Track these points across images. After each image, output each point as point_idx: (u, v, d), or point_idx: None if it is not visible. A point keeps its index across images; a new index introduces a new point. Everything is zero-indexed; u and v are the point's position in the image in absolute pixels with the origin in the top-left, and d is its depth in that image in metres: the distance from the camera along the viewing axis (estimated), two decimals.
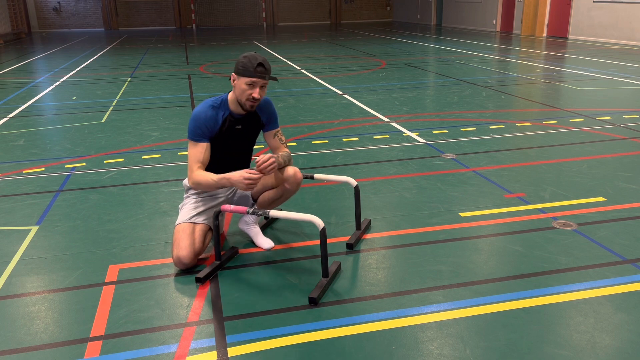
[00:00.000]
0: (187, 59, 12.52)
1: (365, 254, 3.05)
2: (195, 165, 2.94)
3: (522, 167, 4.45)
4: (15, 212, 3.74)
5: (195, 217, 3.00)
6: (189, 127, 2.97)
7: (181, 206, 3.12)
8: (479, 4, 19.64)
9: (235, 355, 2.21)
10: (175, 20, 25.68)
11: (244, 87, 2.89)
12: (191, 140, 2.97)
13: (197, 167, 2.94)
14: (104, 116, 6.69)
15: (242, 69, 2.86)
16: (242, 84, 2.88)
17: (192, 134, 2.96)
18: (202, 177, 2.91)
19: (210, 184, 2.89)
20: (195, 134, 2.95)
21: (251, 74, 2.85)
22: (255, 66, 2.84)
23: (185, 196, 3.17)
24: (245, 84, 2.88)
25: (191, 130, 2.96)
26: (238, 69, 2.88)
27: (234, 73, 2.91)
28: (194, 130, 2.95)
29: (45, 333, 2.40)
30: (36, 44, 17.62)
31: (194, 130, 2.95)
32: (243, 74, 2.87)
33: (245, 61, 2.86)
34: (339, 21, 27.47)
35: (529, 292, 2.61)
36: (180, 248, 2.86)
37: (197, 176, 2.92)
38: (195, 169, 2.94)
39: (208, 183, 2.89)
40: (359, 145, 5.18)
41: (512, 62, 10.84)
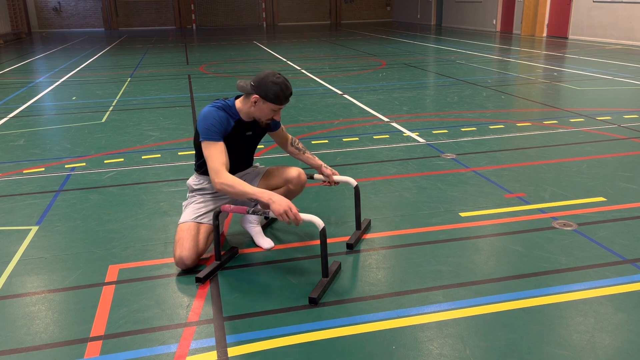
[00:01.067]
0: (187, 59, 12.52)
1: (365, 254, 3.05)
2: (222, 167, 2.78)
3: (522, 167, 4.45)
4: (15, 212, 3.74)
5: (201, 216, 2.98)
6: (202, 128, 2.85)
7: (185, 204, 3.10)
8: (479, 4, 19.64)
9: (235, 355, 2.21)
10: (175, 20, 25.68)
11: (268, 111, 2.85)
12: (207, 141, 2.84)
13: (224, 169, 2.79)
14: (104, 116, 6.69)
15: (273, 97, 2.78)
16: (268, 108, 2.83)
17: (207, 133, 2.84)
18: (235, 183, 2.73)
19: (242, 193, 2.72)
20: (211, 132, 2.84)
21: (282, 102, 2.81)
22: (288, 95, 2.81)
23: (189, 195, 3.14)
24: (271, 110, 2.84)
25: (205, 130, 2.84)
26: (268, 96, 2.78)
27: (260, 97, 2.81)
28: (209, 128, 2.83)
29: (45, 333, 2.40)
30: (36, 44, 17.62)
31: (209, 129, 2.83)
32: (273, 101, 2.80)
33: (276, 90, 2.77)
34: (339, 21, 27.47)
35: (529, 292, 2.61)
36: (184, 248, 2.85)
37: (229, 181, 2.74)
38: (223, 171, 2.77)
39: (240, 191, 2.72)
40: (359, 145, 5.18)
41: (512, 62, 10.84)
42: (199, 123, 2.89)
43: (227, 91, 8.25)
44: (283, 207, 2.60)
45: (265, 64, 11.25)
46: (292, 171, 3.07)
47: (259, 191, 2.69)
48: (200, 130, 2.87)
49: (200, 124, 2.87)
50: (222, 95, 7.93)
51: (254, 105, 2.85)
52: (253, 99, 2.83)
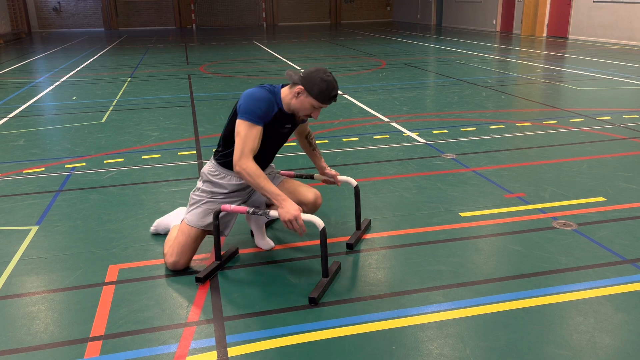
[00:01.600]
0: (187, 59, 12.52)
1: (365, 254, 3.05)
2: (250, 153, 2.67)
3: (522, 167, 4.45)
4: (15, 212, 3.74)
5: (209, 225, 2.90)
6: (247, 106, 2.68)
7: (196, 199, 2.93)
8: (479, 4, 19.64)
9: (235, 355, 2.21)
10: (175, 20, 25.68)
11: (308, 106, 2.76)
12: (248, 122, 2.68)
13: (251, 155, 2.68)
14: (104, 116, 6.69)
15: (319, 93, 2.70)
16: (309, 103, 2.75)
17: (251, 114, 2.68)
18: (256, 174, 2.65)
19: (259, 187, 2.65)
20: (255, 114, 2.68)
21: (325, 101, 2.75)
22: (332, 96, 2.75)
23: (201, 186, 2.95)
24: (312, 106, 2.76)
25: (251, 110, 2.68)
26: (313, 91, 2.70)
27: (306, 90, 2.72)
28: (255, 110, 2.68)
29: (45, 333, 2.40)
30: (36, 44, 17.62)
31: (254, 111, 2.68)
32: (316, 98, 2.72)
33: (323, 87, 2.69)
34: (339, 21, 27.48)
35: (529, 292, 2.61)
36: (184, 256, 2.86)
37: (252, 169, 2.65)
38: (250, 157, 2.67)
39: (258, 185, 2.65)
40: (359, 145, 5.18)
41: (512, 62, 10.84)
42: (243, 101, 2.72)
43: (227, 91, 8.25)
44: (290, 214, 2.58)
45: (266, 64, 11.25)
46: (308, 194, 2.97)
47: (275, 192, 2.63)
48: (243, 109, 2.70)
49: (245, 103, 2.70)
50: (222, 95, 7.93)
51: (296, 96, 2.75)
52: (297, 89, 2.73)
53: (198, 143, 5.39)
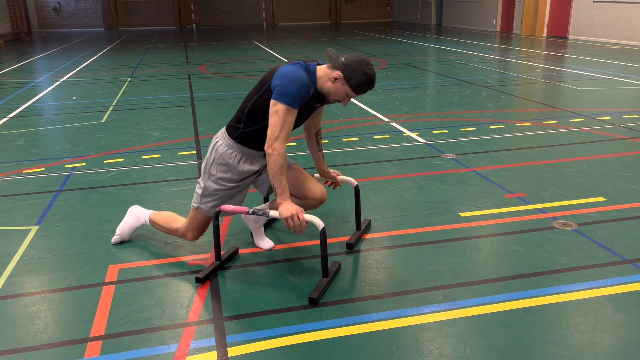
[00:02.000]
0: (187, 59, 12.53)
1: (365, 254, 3.05)
2: (286, 138, 2.59)
3: (522, 167, 4.45)
4: (15, 212, 3.74)
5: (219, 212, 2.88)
6: (286, 89, 2.55)
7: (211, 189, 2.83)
8: (479, 4, 19.64)
9: (235, 355, 2.21)
10: (175, 20, 25.68)
11: (342, 94, 2.68)
12: (288, 106, 2.56)
13: (286, 141, 2.60)
14: (104, 116, 6.69)
15: (357, 84, 2.63)
16: (344, 91, 2.67)
17: (290, 97, 2.55)
18: (283, 159, 2.59)
19: (275, 177, 2.59)
20: (295, 99, 2.56)
21: (360, 93, 2.70)
22: (368, 90, 2.70)
23: (215, 172, 2.81)
24: (346, 94, 2.69)
25: (289, 93, 2.55)
26: (352, 81, 2.62)
27: (345, 78, 2.63)
28: (294, 94, 2.56)
29: (45, 333, 2.40)
30: (36, 44, 17.62)
31: (293, 94, 2.55)
32: (353, 89, 2.65)
33: (363, 80, 2.62)
34: (339, 21, 27.47)
35: (529, 292, 2.61)
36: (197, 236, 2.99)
37: (282, 155, 2.57)
38: (285, 142, 2.59)
39: (277, 175, 2.59)
40: (359, 145, 5.19)
41: (512, 62, 10.84)
42: (281, 81, 2.58)
43: (227, 91, 8.25)
44: (290, 212, 2.58)
45: (266, 63, 11.25)
46: (316, 189, 2.93)
47: (285, 189, 2.62)
48: (281, 90, 2.56)
49: (284, 84, 2.57)
50: (222, 95, 7.93)
51: (333, 81, 2.65)
52: (336, 74, 2.63)
53: (198, 143, 5.39)
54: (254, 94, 2.75)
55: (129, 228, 3.23)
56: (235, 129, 2.80)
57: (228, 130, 2.84)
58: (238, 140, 2.79)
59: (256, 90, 2.74)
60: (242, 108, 2.80)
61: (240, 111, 2.80)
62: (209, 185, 2.84)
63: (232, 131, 2.81)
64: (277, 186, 2.62)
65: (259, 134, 2.75)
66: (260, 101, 2.69)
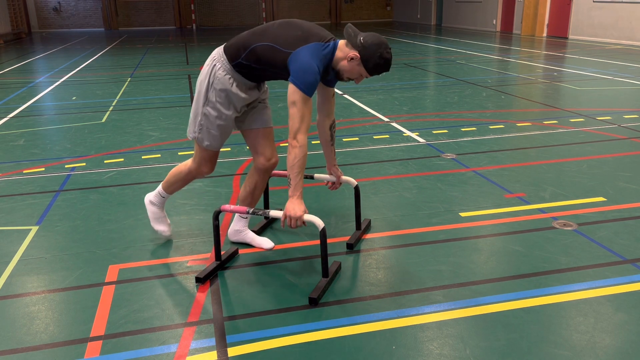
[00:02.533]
0: (187, 59, 12.53)
1: (365, 254, 3.05)
2: (307, 130, 2.60)
3: (522, 167, 4.45)
4: (15, 212, 3.74)
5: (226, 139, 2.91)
6: (306, 79, 2.54)
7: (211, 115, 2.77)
8: (479, 4, 19.64)
9: (235, 355, 2.21)
10: (175, 20, 25.68)
11: (356, 73, 2.67)
12: (304, 94, 2.55)
13: (307, 133, 2.61)
14: (104, 116, 6.69)
15: (373, 67, 2.62)
16: (359, 72, 2.66)
17: (307, 85, 2.55)
18: (305, 154, 2.59)
19: (295, 165, 2.58)
20: (312, 87, 2.57)
21: (375, 74, 2.69)
22: (385, 72, 2.69)
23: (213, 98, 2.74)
24: (361, 74, 2.68)
25: (306, 81, 2.54)
26: (369, 64, 2.61)
27: (361, 59, 2.61)
28: (312, 81, 2.55)
29: (45, 333, 2.40)
30: (36, 44, 17.62)
31: (311, 82, 2.55)
32: (369, 71, 2.64)
33: (379, 64, 2.62)
34: (339, 21, 27.48)
35: (529, 292, 2.61)
36: (211, 166, 2.97)
37: (304, 148, 2.58)
38: (306, 135, 2.59)
39: (296, 163, 2.58)
40: (359, 145, 5.18)
41: (512, 62, 10.84)
42: (297, 65, 2.55)
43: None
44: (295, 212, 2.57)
45: None
46: (268, 152, 2.95)
47: (300, 186, 2.61)
48: (298, 76, 2.55)
49: (301, 71, 2.55)
50: None
51: (349, 60, 2.63)
52: (352, 54, 2.61)
53: None
54: (263, 37, 2.67)
55: (155, 219, 3.20)
56: (236, 56, 2.71)
57: (227, 53, 2.74)
58: (237, 69, 2.73)
59: (270, 39, 2.65)
60: (247, 41, 2.70)
61: (244, 42, 2.71)
62: (206, 112, 2.79)
63: (232, 58, 2.73)
64: (292, 178, 2.61)
65: (257, 71, 2.73)
66: (269, 52, 2.64)
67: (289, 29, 2.67)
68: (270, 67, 2.69)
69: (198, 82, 2.84)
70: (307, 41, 2.61)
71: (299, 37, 2.63)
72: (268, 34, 2.69)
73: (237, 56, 2.71)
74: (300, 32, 2.65)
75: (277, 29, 2.69)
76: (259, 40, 2.68)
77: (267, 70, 2.71)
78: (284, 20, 2.76)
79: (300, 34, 2.64)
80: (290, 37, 2.63)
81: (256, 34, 2.72)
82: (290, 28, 2.68)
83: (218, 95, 2.75)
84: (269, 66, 2.68)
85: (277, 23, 2.73)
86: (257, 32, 2.73)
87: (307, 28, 2.68)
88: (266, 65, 2.69)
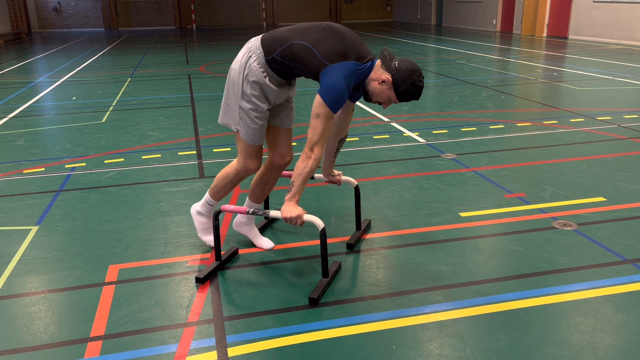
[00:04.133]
0: (187, 59, 12.53)
1: (365, 254, 3.05)
2: (324, 144, 2.64)
3: (522, 167, 4.45)
4: (15, 212, 3.74)
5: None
6: (334, 97, 2.55)
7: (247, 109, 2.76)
8: (479, 4, 19.64)
9: (235, 355, 2.21)
10: (175, 20, 25.68)
11: (385, 97, 2.67)
12: (330, 110, 2.57)
13: (323, 147, 2.65)
14: (104, 116, 6.69)
15: (403, 93, 2.61)
16: (388, 96, 2.66)
17: (334, 104, 2.56)
18: (314, 168, 2.63)
19: (302, 173, 2.61)
20: (339, 106, 2.58)
21: (404, 101, 2.68)
22: (414, 100, 2.68)
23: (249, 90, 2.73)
24: (389, 98, 2.67)
25: (335, 100, 2.55)
26: (399, 89, 2.61)
27: (393, 84, 2.61)
28: (340, 101, 2.57)
29: (45, 333, 2.40)
30: (36, 44, 17.62)
31: (338, 101, 2.56)
32: (398, 96, 2.64)
33: (410, 91, 2.61)
34: (339, 21, 27.47)
35: (529, 292, 2.61)
36: (257, 162, 2.92)
37: (318, 160, 2.62)
38: (323, 149, 2.64)
39: (305, 172, 2.61)
40: (359, 145, 5.18)
41: (512, 62, 10.84)
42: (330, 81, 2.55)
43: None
44: (290, 214, 2.60)
45: None
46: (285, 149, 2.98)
47: (297, 191, 2.64)
48: (330, 94, 2.55)
49: (333, 90, 2.55)
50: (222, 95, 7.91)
51: (380, 83, 2.63)
52: (384, 77, 2.61)
53: (198, 143, 5.39)
54: (303, 37, 2.65)
55: (203, 229, 3.15)
56: (271, 50, 2.69)
57: (263, 45, 2.72)
58: (270, 64, 2.71)
59: (310, 40, 2.63)
60: (285, 36, 2.69)
61: (282, 37, 2.69)
62: (243, 106, 2.78)
63: (267, 51, 2.70)
64: (295, 185, 2.63)
65: (289, 68, 2.71)
66: (305, 53, 2.63)
67: (332, 38, 2.63)
68: (302, 67, 2.68)
69: (231, 70, 2.82)
70: (345, 57, 2.60)
71: (339, 51, 2.60)
72: (309, 35, 2.66)
73: (272, 50, 2.68)
74: (342, 45, 2.62)
75: (320, 33, 2.65)
76: (298, 38, 2.66)
77: (297, 68, 2.70)
78: (330, 25, 2.70)
79: (342, 47, 2.61)
80: (331, 48, 2.61)
81: (297, 32, 2.70)
82: (334, 37, 2.64)
83: (253, 88, 2.74)
84: (302, 66, 2.67)
85: (323, 26, 2.69)
86: (298, 30, 2.71)
87: (350, 41, 2.64)
88: (299, 64, 2.67)
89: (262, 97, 2.76)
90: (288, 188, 2.68)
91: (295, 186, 2.63)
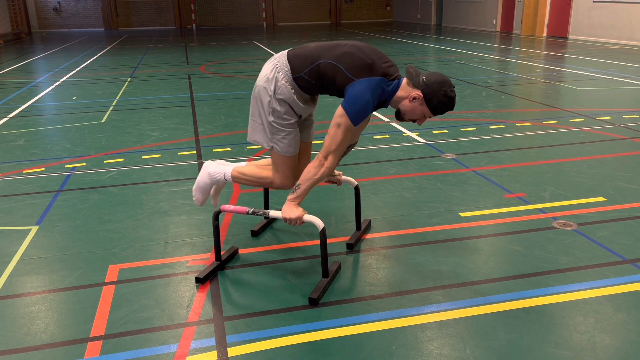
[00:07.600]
0: (187, 59, 12.52)
1: (365, 254, 3.05)
2: (339, 155, 2.67)
3: (522, 167, 4.45)
4: (15, 212, 3.74)
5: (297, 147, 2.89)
6: (357, 110, 2.56)
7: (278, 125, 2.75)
8: (479, 4, 19.64)
9: (235, 355, 2.21)
10: (175, 20, 25.69)
11: (419, 113, 2.66)
12: (350, 123, 2.57)
13: (338, 157, 2.67)
14: (104, 116, 6.69)
15: (437, 106, 2.60)
16: (422, 111, 2.65)
17: (356, 117, 2.57)
18: (324, 176, 2.66)
19: (310, 180, 2.63)
20: (360, 120, 2.59)
21: (438, 114, 2.67)
22: (449, 110, 2.67)
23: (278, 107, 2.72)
24: (423, 113, 2.66)
25: (360, 115, 2.57)
26: (432, 102, 2.59)
27: (424, 99, 2.60)
28: (362, 114, 2.58)
29: (45, 333, 2.40)
30: (36, 44, 17.62)
31: (360, 115, 2.57)
32: (432, 110, 2.62)
33: (443, 102, 2.59)
34: (339, 21, 27.47)
35: (529, 292, 2.61)
36: (292, 180, 2.88)
37: (331, 169, 2.64)
38: (337, 159, 2.66)
39: (314, 179, 2.63)
40: (359, 145, 5.18)
41: (512, 62, 10.84)
42: (354, 96, 2.57)
43: (227, 91, 8.25)
44: (290, 215, 2.62)
45: None
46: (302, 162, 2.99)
47: (301, 194, 2.65)
48: (353, 108, 2.56)
49: (357, 104, 2.56)
50: (222, 95, 7.93)
51: (411, 100, 2.62)
52: (415, 94, 2.61)
53: (198, 143, 5.39)
54: (330, 53, 2.66)
55: (200, 187, 3.09)
56: (300, 69, 2.69)
57: (291, 63, 2.71)
58: (297, 82, 2.71)
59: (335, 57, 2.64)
60: (314, 54, 2.69)
61: (312, 55, 2.70)
62: (274, 123, 2.77)
63: (295, 70, 2.70)
64: (301, 188, 2.64)
65: (315, 87, 2.72)
66: (331, 71, 2.63)
67: (359, 53, 2.63)
68: (327, 85, 2.69)
69: (257, 87, 2.79)
70: (371, 72, 2.61)
71: (366, 66, 2.61)
72: (335, 51, 2.67)
73: (301, 69, 2.69)
74: (369, 61, 2.62)
75: (346, 49, 2.66)
76: (326, 56, 2.67)
77: (324, 87, 2.71)
78: (356, 43, 2.71)
79: (370, 62, 2.62)
80: (358, 62, 2.61)
81: (325, 49, 2.71)
82: (361, 52, 2.64)
83: (282, 105, 2.73)
84: (328, 84, 2.68)
85: (350, 44, 2.70)
86: (326, 48, 2.71)
87: (377, 58, 2.65)
88: (324, 83, 2.69)
89: (291, 113, 2.77)
90: (293, 189, 2.69)
91: (301, 189, 2.64)
